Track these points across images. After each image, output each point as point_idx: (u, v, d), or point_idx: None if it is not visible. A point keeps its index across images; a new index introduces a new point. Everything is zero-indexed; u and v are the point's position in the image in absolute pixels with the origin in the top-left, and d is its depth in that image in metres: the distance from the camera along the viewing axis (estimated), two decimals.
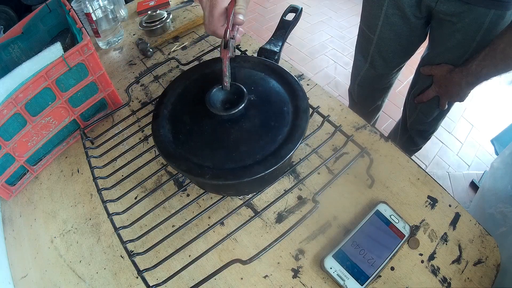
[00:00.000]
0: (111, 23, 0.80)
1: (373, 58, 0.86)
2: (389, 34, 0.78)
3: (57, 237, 0.51)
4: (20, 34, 0.67)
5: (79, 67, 0.55)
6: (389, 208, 0.45)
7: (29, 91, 0.49)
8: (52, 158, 0.61)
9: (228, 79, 0.44)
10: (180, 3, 0.94)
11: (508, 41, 0.55)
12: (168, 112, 0.47)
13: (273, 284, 0.43)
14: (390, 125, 1.61)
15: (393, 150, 0.54)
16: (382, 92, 1.01)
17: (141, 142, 0.53)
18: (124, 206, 0.46)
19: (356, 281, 0.40)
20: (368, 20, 0.81)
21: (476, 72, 0.64)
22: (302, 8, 0.59)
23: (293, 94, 0.46)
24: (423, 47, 0.83)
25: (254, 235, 0.47)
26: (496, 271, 0.42)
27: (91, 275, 0.46)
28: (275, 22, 1.44)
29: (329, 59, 2.01)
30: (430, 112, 0.85)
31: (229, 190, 0.46)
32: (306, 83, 0.66)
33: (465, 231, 0.45)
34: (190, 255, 0.46)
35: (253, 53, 0.72)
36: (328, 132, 0.55)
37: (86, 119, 0.63)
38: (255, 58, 0.52)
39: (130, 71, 0.76)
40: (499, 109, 1.66)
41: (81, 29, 0.56)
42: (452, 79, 0.70)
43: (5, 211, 0.57)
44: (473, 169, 1.45)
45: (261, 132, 0.42)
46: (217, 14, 0.46)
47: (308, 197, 0.50)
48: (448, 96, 0.76)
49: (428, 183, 0.50)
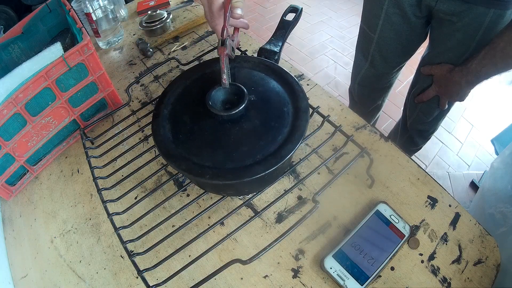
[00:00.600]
0: (111, 23, 0.80)
1: (374, 58, 0.87)
2: (390, 33, 0.78)
3: (57, 237, 0.51)
4: (20, 34, 0.67)
5: (79, 67, 0.55)
6: (389, 208, 0.45)
7: (29, 91, 0.49)
8: (52, 158, 0.61)
9: (227, 77, 0.43)
10: (180, 3, 0.94)
11: (508, 40, 0.55)
12: (168, 112, 0.47)
13: (273, 284, 0.43)
14: (390, 125, 1.61)
15: (393, 150, 0.54)
16: (382, 91, 1.01)
17: (141, 142, 0.53)
18: (124, 206, 0.46)
19: (356, 281, 0.40)
20: (368, 20, 0.81)
21: (476, 71, 0.64)
22: (302, 8, 0.59)
23: (293, 94, 0.46)
24: (423, 47, 0.83)
25: (254, 235, 0.47)
26: (496, 271, 0.42)
27: (91, 275, 0.46)
28: (275, 22, 1.44)
29: (329, 59, 2.01)
30: (430, 111, 0.85)
31: (229, 190, 0.46)
32: (306, 83, 0.66)
33: (465, 231, 0.45)
34: (190, 255, 0.46)
35: (253, 53, 0.72)
36: (328, 132, 0.55)
37: (86, 119, 0.63)
38: (255, 58, 0.52)
39: (130, 71, 0.76)
40: (499, 109, 1.66)
41: (81, 29, 0.56)
42: (452, 79, 0.70)
43: (5, 211, 0.57)
44: (473, 169, 1.45)
45: (261, 132, 0.42)
46: (216, 9, 0.46)
47: (308, 197, 0.50)
48: (448, 96, 0.76)
49: (428, 183, 0.50)
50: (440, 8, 0.65)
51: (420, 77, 0.82)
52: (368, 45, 0.86)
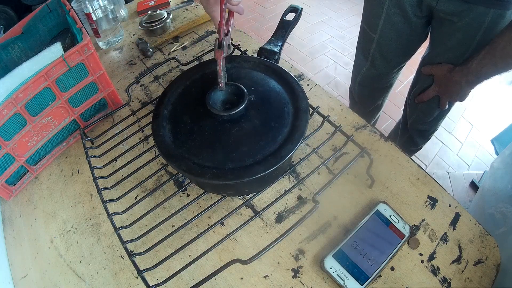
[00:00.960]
0: (111, 23, 0.80)
1: (374, 57, 0.87)
2: (390, 33, 0.78)
3: (57, 237, 0.51)
4: (20, 34, 0.67)
5: (79, 67, 0.55)
6: (389, 208, 0.45)
7: (29, 91, 0.49)
8: (52, 158, 0.61)
9: (223, 80, 0.44)
10: (180, 3, 0.94)
11: (508, 39, 0.55)
12: (168, 112, 0.47)
13: (273, 284, 0.43)
14: (390, 125, 1.61)
15: (393, 150, 0.54)
16: (383, 91, 1.01)
17: (141, 142, 0.53)
18: (124, 206, 0.46)
19: (356, 281, 0.40)
20: (369, 19, 0.81)
21: (476, 70, 0.64)
22: (302, 8, 0.59)
23: (293, 94, 0.46)
24: (423, 47, 0.83)
25: (254, 235, 0.47)
26: (496, 271, 0.42)
27: (91, 275, 0.46)
28: (275, 22, 1.44)
29: (329, 59, 2.01)
30: (430, 112, 0.85)
31: (229, 190, 0.46)
32: (306, 83, 0.66)
33: (465, 231, 0.45)
34: (190, 255, 0.46)
35: (253, 53, 0.72)
36: (328, 132, 0.54)
37: (86, 119, 0.63)
38: (255, 58, 0.52)
39: (130, 71, 0.76)
40: (499, 109, 1.66)
41: (81, 29, 0.56)
42: (452, 78, 0.70)
43: (5, 211, 0.57)
44: (473, 169, 1.45)
45: (261, 132, 0.42)
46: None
47: (308, 197, 0.50)
48: (448, 96, 0.76)
49: (428, 183, 0.50)
50: (440, 8, 0.65)
51: (421, 77, 0.82)
52: (368, 45, 0.86)
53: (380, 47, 0.83)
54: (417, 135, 0.99)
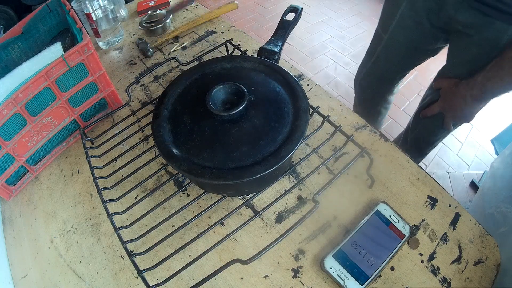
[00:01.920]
0: (111, 23, 0.80)
1: (378, 57, 0.87)
2: (400, 36, 0.77)
3: (57, 237, 0.51)
4: (20, 34, 0.67)
5: (79, 67, 0.55)
6: (389, 208, 0.45)
7: (29, 91, 0.49)
8: (52, 158, 0.61)
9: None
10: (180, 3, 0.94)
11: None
12: (168, 112, 0.47)
13: (273, 284, 0.43)
14: (390, 125, 1.61)
15: (393, 150, 0.54)
16: (383, 97, 1.02)
17: (141, 142, 0.53)
18: (124, 206, 0.46)
19: (356, 281, 0.40)
20: (383, 20, 0.81)
21: (481, 84, 0.61)
22: (302, 8, 0.59)
23: (293, 94, 0.46)
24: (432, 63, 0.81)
25: (254, 235, 0.47)
26: (496, 271, 0.42)
27: (91, 275, 0.46)
28: (275, 22, 1.44)
29: (329, 59, 2.01)
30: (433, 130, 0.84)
31: (229, 190, 0.47)
32: (306, 83, 0.66)
33: (465, 231, 0.45)
34: (190, 255, 0.46)
35: (253, 53, 0.72)
36: (328, 132, 0.55)
37: (86, 119, 0.63)
38: (255, 58, 0.52)
39: (130, 71, 0.76)
40: (499, 109, 1.65)
41: (81, 29, 0.56)
42: (457, 92, 0.67)
43: (5, 211, 0.57)
44: (473, 169, 1.45)
45: (261, 132, 0.42)
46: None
47: (308, 197, 0.50)
48: (452, 113, 0.73)
49: (428, 183, 0.50)
50: (459, 18, 0.62)
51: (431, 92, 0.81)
52: (376, 45, 0.86)
53: (387, 48, 0.82)
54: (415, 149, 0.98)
